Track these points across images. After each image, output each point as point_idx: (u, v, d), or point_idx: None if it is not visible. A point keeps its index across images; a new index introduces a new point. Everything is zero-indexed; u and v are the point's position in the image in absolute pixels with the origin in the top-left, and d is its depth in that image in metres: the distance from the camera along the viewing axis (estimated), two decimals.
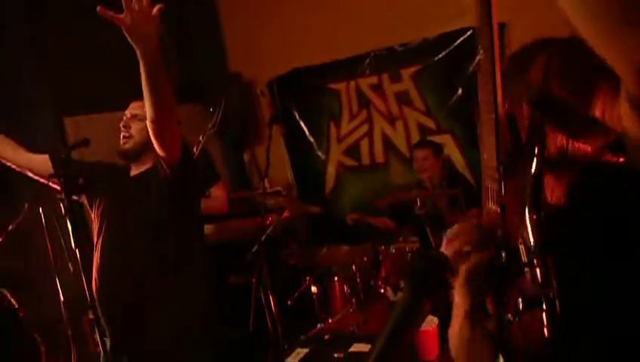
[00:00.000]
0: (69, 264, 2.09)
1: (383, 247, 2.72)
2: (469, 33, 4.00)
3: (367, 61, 4.35)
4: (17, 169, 2.39)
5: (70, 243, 1.93)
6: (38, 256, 2.96)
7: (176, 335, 2.12)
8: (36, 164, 2.34)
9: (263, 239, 2.96)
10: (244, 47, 4.79)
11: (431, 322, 1.94)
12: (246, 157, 4.83)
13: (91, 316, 3.26)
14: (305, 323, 3.21)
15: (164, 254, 2.07)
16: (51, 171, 2.28)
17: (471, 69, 2.93)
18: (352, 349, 2.12)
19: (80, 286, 2.28)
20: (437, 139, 3.91)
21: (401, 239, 3.08)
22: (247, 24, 4.77)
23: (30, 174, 2.40)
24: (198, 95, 4.65)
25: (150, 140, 2.14)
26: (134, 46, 1.71)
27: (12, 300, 2.70)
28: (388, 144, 4.37)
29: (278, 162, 4.44)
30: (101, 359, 2.48)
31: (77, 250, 1.91)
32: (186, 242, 2.16)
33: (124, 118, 2.25)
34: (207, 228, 3.79)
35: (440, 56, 4.12)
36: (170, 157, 2.01)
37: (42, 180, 2.38)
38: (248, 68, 4.75)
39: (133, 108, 2.25)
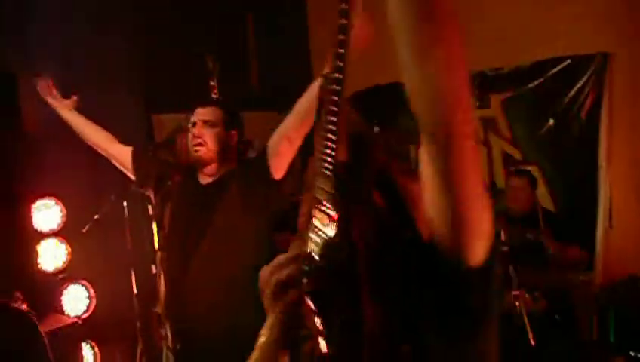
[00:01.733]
0: (152, 266, 2.12)
1: None
2: (565, 63, 3.82)
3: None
4: (103, 154, 2.49)
5: (153, 243, 1.97)
6: (116, 248, 3.05)
7: (243, 345, 2.10)
8: (121, 154, 2.43)
9: None
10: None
11: None
12: None
13: (159, 311, 3.35)
14: None
15: (234, 263, 2.07)
16: (130, 163, 2.36)
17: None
18: None
19: (153, 282, 2.34)
20: None
21: None
22: (335, 35, 4.76)
23: (115, 163, 2.48)
24: (280, 103, 4.68)
25: (222, 147, 2.16)
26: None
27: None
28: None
29: None
30: (164, 355, 2.53)
31: (159, 252, 1.95)
32: (257, 252, 2.15)
33: (195, 124, 2.21)
34: None
35: (533, 84, 3.95)
36: (279, 168, 2.04)
37: (123, 170, 2.45)
38: None
39: (202, 115, 2.21)
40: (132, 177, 2.38)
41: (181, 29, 4.07)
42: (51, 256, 3.14)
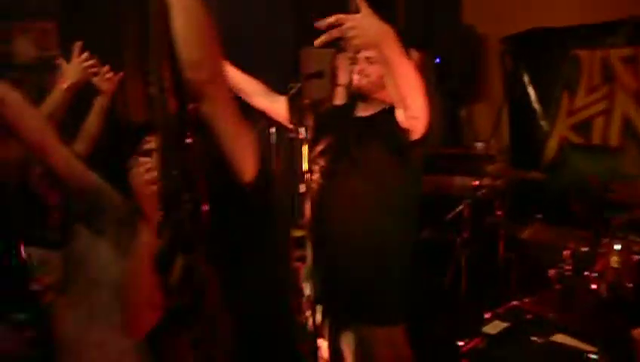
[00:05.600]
0: (300, 185, 2.24)
1: (607, 240, 2.47)
2: None
3: (624, 29, 3.84)
4: (260, 108, 2.57)
5: (304, 166, 2.10)
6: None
7: (377, 277, 2.19)
8: (277, 106, 2.50)
9: (471, 200, 2.89)
10: None
11: None
12: (463, 113, 4.68)
13: (296, 234, 3.57)
14: (495, 294, 3.13)
15: (383, 199, 2.13)
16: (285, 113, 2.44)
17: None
18: (553, 338, 2.00)
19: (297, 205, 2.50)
20: None
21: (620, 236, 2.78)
22: None
23: (271, 115, 2.59)
24: (426, 43, 4.57)
25: (382, 82, 2.18)
26: None
27: None
28: (628, 126, 3.87)
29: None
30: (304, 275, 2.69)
31: (308, 174, 2.08)
32: (406, 189, 2.19)
33: (357, 60, 2.24)
34: None
35: None
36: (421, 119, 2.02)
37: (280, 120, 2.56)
38: (483, 21, 4.52)
39: (366, 52, 2.23)
40: (289, 125, 2.39)
41: None
42: None
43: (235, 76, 2.56)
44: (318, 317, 2.22)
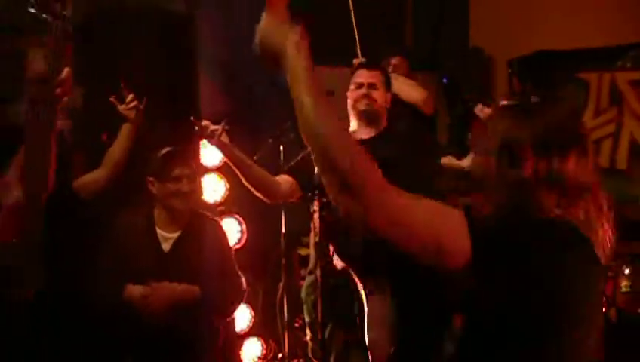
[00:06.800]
0: (310, 205, 2.26)
1: (616, 264, 2.46)
2: None
3: (632, 53, 3.87)
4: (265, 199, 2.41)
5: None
6: None
7: None
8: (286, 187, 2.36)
9: None
10: (489, 21, 4.58)
11: None
12: (471, 135, 4.69)
13: (302, 252, 3.56)
14: None
15: None
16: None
17: None
18: None
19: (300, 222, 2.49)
20: None
21: None
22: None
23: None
24: (434, 64, 4.60)
25: (386, 106, 2.26)
26: None
27: None
28: (636, 150, 3.88)
29: None
30: (303, 294, 2.71)
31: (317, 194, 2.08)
32: None
33: (360, 86, 2.36)
34: None
35: None
36: None
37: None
38: (490, 43, 4.55)
39: (368, 78, 2.37)
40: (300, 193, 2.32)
41: None
42: (212, 189, 3.45)
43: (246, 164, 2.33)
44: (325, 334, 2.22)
